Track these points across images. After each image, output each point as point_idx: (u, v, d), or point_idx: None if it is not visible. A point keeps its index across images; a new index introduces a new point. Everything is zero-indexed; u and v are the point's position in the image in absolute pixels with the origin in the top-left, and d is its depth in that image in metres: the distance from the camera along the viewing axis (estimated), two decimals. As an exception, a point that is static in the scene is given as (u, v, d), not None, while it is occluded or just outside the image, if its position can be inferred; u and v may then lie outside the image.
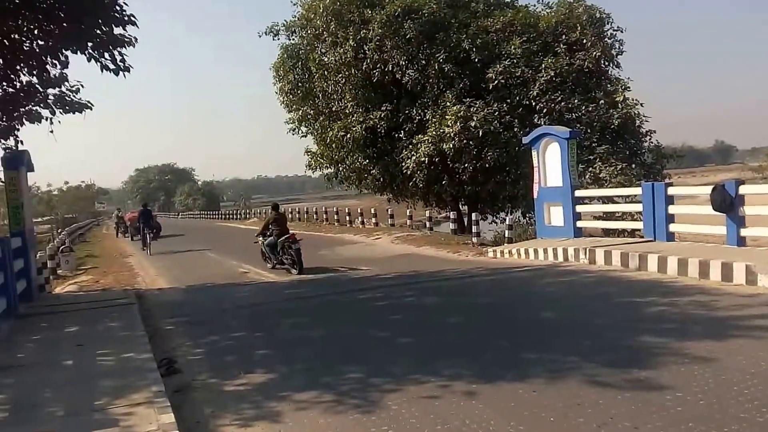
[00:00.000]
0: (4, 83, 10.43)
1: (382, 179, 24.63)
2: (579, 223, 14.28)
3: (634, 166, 19.20)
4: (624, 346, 6.17)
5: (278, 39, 26.78)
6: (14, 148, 10.98)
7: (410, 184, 22.76)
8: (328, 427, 4.61)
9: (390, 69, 22.28)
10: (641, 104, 20.70)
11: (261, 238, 15.77)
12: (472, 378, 5.38)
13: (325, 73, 24.21)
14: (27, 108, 10.64)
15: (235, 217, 56.62)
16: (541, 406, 4.67)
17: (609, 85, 21.37)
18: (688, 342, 6.04)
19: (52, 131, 11.02)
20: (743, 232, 10.50)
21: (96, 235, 42.52)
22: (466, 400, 4.90)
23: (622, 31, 21.80)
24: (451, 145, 20.06)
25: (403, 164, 21.97)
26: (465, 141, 19.98)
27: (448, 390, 5.15)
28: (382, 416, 4.70)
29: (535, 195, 15.47)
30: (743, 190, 10.44)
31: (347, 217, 29.98)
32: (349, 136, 23.28)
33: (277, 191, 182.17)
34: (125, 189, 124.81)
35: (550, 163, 14.89)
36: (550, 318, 7.85)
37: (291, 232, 15.10)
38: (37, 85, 10.59)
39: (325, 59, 24.18)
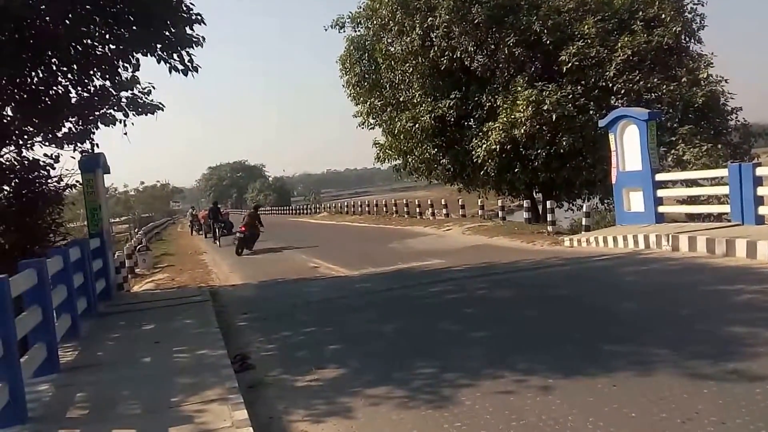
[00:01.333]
0: (79, 87, 10.65)
1: (452, 169, 24.33)
2: (660, 209, 13.68)
3: (720, 146, 18.28)
4: (711, 337, 5.82)
5: (344, 31, 26.88)
6: (90, 151, 11.21)
7: (481, 172, 22.41)
8: (401, 422, 4.52)
9: (458, 56, 21.94)
10: (726, 80, 19.77)
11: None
12: (549, 372, 5.18)
13: (392, 63, 24.10)
14: (101, 111, 10.81)
15: (305, 212, 57.33)
16: (622, 401, 4.45)
17: (691, 62, 20.38)
18: (781, 332, 5.66)
19: (125, 133, 11.19)
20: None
21: (171, 234, 43.95)
22: (543, 395, 4.72)
23: (703, 5, 20.76)
24: (523, 131, 19.59)
25: (474, 153, 21.64)
26: (538, 126, 19.48)
27: (523, 385, 4.97)
28: (455, 412, 4.57)
29: (614, 180, 14.91)
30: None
31: (417, 209, 29.65)
32: (417, 126, 23.11)
33: (347, 185, 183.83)
34: (199, 187, 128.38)
35: (629, 147, 14.30)
36: (631, 309, 7.49)
37: (242, 225, 20.59)
38: (110, 89, 10.74)
39: (392, 49, 24.03)
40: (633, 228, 13.30)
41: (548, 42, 20.57)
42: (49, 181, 10.54)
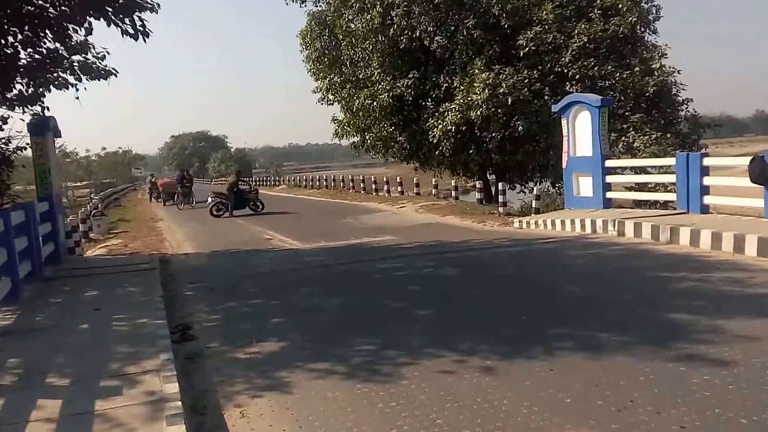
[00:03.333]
0: (30, 49, 10.40)
1: (408, 147, 24.38)
2: (609, 194, 13.89)
3: (669, 135, 18.75)
4: (651, 324, 5.88)
5: (305, 6, 26.55)
6: (41, 114, 10.99)
7: (437, 152, 22.47)
8: (336, 400, 4.49)
9: (418, 35, 21.88)
10: (678, 71, 20.20)
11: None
12: (489, 354, 5.20)
13: (352, 40, 23.86)
14: (53, 74, 10.61)
15: (264, 183, 56.97)
16: (558, 385, 4.46)
17: (645, 52, 20.75)
18: (720, 320, 5.74)
19: (77, 98, 11.03)
20: (781, 205, 10.06)
21: (131, 200, 43.16)
22: (481, 376, 4.73)
23: (659, -4, 21.05)
24: (479, 113, 19.70)
25: (430, 132, 21.69)
26: (493, 109, 19.60)
27: (463, 365, 4.98)
28: (391, 391, 4.56)
29: (564, 165, 15.08)
30: (783, 161, 9.97)
31: (373, 186, 29.76)
32: (375, 104, 23.02)
33: (308, 158, 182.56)
34: (161, 155, 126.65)
35: (580, 132, 14.47)
36: (575, 292, 7.59)
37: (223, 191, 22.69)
38: (62, 52, 10.54)
39: (352, 26, 23.78)
40: (581, 212, 13.52)
41: (507, 26, 20.65)
42: (-3, 142, 10.32)
